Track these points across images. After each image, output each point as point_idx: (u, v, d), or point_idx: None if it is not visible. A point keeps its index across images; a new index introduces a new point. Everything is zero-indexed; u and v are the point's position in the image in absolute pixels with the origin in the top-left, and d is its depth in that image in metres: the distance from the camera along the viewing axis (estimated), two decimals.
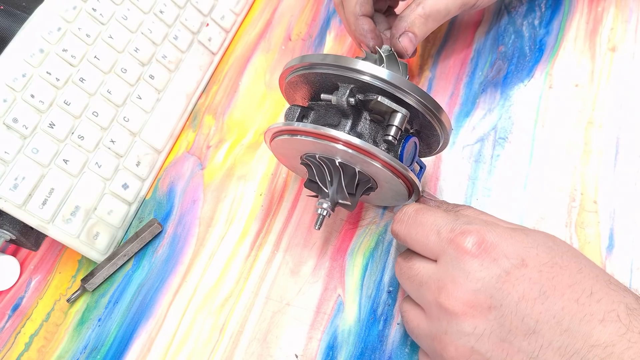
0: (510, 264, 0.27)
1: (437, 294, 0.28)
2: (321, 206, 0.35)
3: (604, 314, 0.25)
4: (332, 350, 0.37)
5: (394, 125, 0.32)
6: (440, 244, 0.29)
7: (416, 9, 0.39)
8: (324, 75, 0.33)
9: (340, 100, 0.33)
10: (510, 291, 0.26)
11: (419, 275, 0.30)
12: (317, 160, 0.34)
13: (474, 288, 0.27)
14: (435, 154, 0.38)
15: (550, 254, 0.27)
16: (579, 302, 0.26)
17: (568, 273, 0.27)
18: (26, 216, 0.41)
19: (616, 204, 0.37)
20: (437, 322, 0.28)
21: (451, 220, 0.29)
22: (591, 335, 0.25)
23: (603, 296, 0.26)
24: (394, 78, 0.32)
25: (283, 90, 0.39)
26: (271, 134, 0.35)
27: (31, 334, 0.44)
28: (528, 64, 0.44)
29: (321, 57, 0.33)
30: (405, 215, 0.32)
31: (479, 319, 0.27)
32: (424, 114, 0.33)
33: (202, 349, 0.39)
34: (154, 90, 0.49)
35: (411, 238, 0.31)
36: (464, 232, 0.28)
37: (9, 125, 0.41)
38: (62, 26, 0.44)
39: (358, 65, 0.32)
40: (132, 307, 0.43)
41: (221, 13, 0.54)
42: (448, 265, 0.28)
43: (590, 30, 0.44)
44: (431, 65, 0.47)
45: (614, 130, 0.39)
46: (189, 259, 0.44)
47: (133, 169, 0.47)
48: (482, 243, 0.28)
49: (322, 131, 0.32)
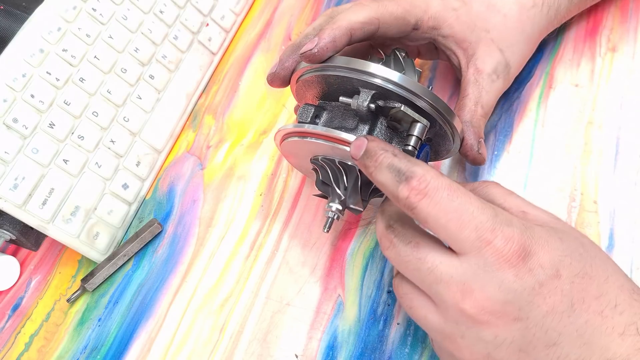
0: (545, 275, 0.25)
1: (459, 297, 0.26)
2: (331, 209, 0.34)
3: (624, 327, 0.25)
4: (332, 350, 0.37)
5: (415, 136, 0.32)
6: (476, 243, 0.26)
7: (477, 110, 0.37)
8: (346, 79, 0.33)
9: (361, 106, 0.32)
10: (541, 304, 0.25)
11: (436, 271, 0.27)
12: (337, 165, 0.34)
13: (504, 299, 0.25)
14: (440, 159, 0.38)
15: (581, 262, 0.26)
16: (603, 315, 0.25)
17: (596, 283, 0.26)
18: (26, 216, 0.41)
19: (616, 204, 0.37)
20: (454, 324, 0.27)
21: (490, 215, 0.26)
22: (609, 348, 0.25)
23: (626, 308, 0.25)
24: (420, 89, 0.31)
25: (294, 87, 0.38)
26: (282, 135, 0.35)
27: (31, 334, 0.44)
28: (528, 64, 0.44)
29: (345, 60, 0.33)
30: (436, 191, 0.26)
31: (501, 329, 0.26)
32: (442, 125, 0.33)
33: (202, 349, 0.39)
34: (154, 90, 0.49)
35: (438, 222, 0.26)
36: (505, 238, 0.25)
37: (9, 125, 0.41)
38: (62, 26, 0.44)
39: (385, 74, 0.31)
40: (132, 307, 0.43)
41: (221, 13, 0.54)
42: (479, 268, 0.26)
43: (590, 30, 0.44)
44: (431, 65, 0.47)
45: (614, 130, 0.39)
46: (189, 259, 0.44)
47: (133, 169, 0.47)
48: (522, 252, 0.25)
49: (336, 135, 0.31)
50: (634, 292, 0.26)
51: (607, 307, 0.25)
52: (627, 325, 0.25)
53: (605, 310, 0.25)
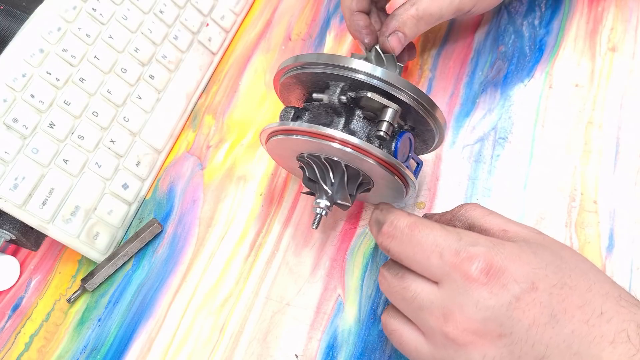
0: (520, 289, 0.26)
1: (442, 322, 0.27)
2: (319, 205, 0.35)
3: (614, 335, 0.25)
4: (332, 350, 0.37)
5: (385, 121, 0.32)
6: (444, 268, 0.27)
7: (410, 9, 0.39)
8: (314, 74, 0.33)
9: (331, 99, 0.33)
10: (521, 318, 0.25)
11: (418, 298, 0.28)
12: (322, 160, 0.34)
13: (483, 317, 0.26)
14: (432, 150, 0.38)
15: (558, 274, 0.26)
16: (589, 324, 0.25)
17: (578, 293, 0.26)
18: (26, 216, 0.41)
19: (616, 204, 0.37)
20: (443, 349, 0.27)
21: (454, 240, 0.27)
22: (600, 357, 0.25)
23: (613, 315, 0.25)
24: (383, 74, 0.31)
25: (279, 93, 0.39)
26: (266, 134, 0.35)
27: (31, 334, 0.44)
28: (528, 64, 0.44)
29: (313, 56, 0.33)
30: (397, 230, 0.29)
31: (487, 347, 0.26)
32: (416, 109, 0.33)
33: (202, 349, 0.39)
34: (154, 90, 0.49)
35: (407, 257, 0.29)
36: (470, 258, 0.26)
37: (9, 125, 0.41)
38: (62, 26, 0.44)
39: (346, 63, 0.32)
40: (132, 307, 0.43)
41: (221, 13, 0.54)
42: (454, 292, 0.26)
43: (590, 30, 0.44)
44: (431, 65, 0.47)
45: (614, 130, 0.39)
46: (189, 259, 0.44)
47: (133, 169, 0.47)
48: (490, 269, 0.26)
49: (314, 129, 0.32)
50: (621, 298, 0.26)
51: (592, 315, 0.25)
52: (616, 333, 0.25)
53: (591, 319, 0.25)
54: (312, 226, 0.35)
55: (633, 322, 0.25)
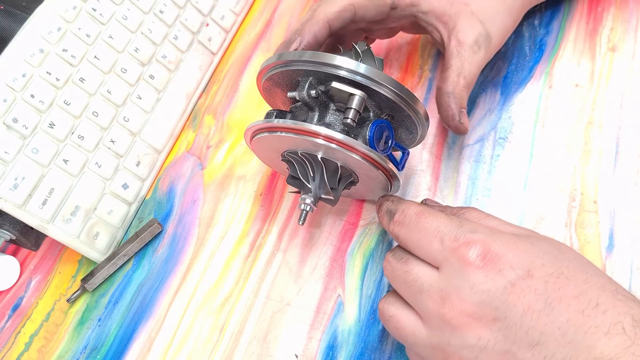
0: (515, 275, 0.26)
1: (439, 304, 0.27)
2: (304, 202, 0.35)
3: (609, 326, 0.25)
4: (332, 350, 0.37)
5: (352, 108, 0.32)
6: (444, 253, 0.28)
7: (459, 81, 0.37)
8: (286, 73, 0.34)
9: (301, 94, 0.33)
10: (516, 303, 0.26)
11: (419, 281, 0.29)
12: (300, 156, 0.34)
13: (478, 300, 0.26)
14: (418, 141, 0.37)
15: (556, 264, 0.27)
16: (585, 314, 0.25)
17: (574, 284, 0.26)
18: (26, 216, 0.41)
19: (616, 204, 0.37)
20: (439, 332, 0.28)
21: (455, 227, 0.29)
22: (595, 347, 0.25)
23: (609, 307, 0.26)
24: (345, 62, 0.32)
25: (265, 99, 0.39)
26: (250, 133, 0.36)
27: (31, 334, 0.44)
28: (528, 64, 0.44)
29: (276, 57, 0.34)
30: (407, 217, 0.31)
31: (483, 330, 0.26)
32: (387, 96, 0.32)
33: (202, 349, 0.39)
34: (154, 90, 0.49)
35: (412, 242, 0.30)
36: (468, 243, 0.27)
37: (9, 125, 0.41)
38: (62, 26, 0.44)
39: (314, 57, 0.32)
40: (132, 307, 0.43)
41: (221, 13, 0.54)
42: (452, 275, 0.28)
43: (590, 30, 0.44)
44: (431, 65, 0.47)
45: (614, 130, 0.39)
46: (189, 259, 0.44)
47: (133, 169, 0.47)
48: (487, 254, 0.27)
49: (286, 124, 0.32)
50: (617, 292, 0.26)
51: (588, 306, 0.26)
52: (612, 325, 0.25)
53: (587, 310, 0.26)
54: (298, 222, 0.36)
55: (628, 315, 0.25)
